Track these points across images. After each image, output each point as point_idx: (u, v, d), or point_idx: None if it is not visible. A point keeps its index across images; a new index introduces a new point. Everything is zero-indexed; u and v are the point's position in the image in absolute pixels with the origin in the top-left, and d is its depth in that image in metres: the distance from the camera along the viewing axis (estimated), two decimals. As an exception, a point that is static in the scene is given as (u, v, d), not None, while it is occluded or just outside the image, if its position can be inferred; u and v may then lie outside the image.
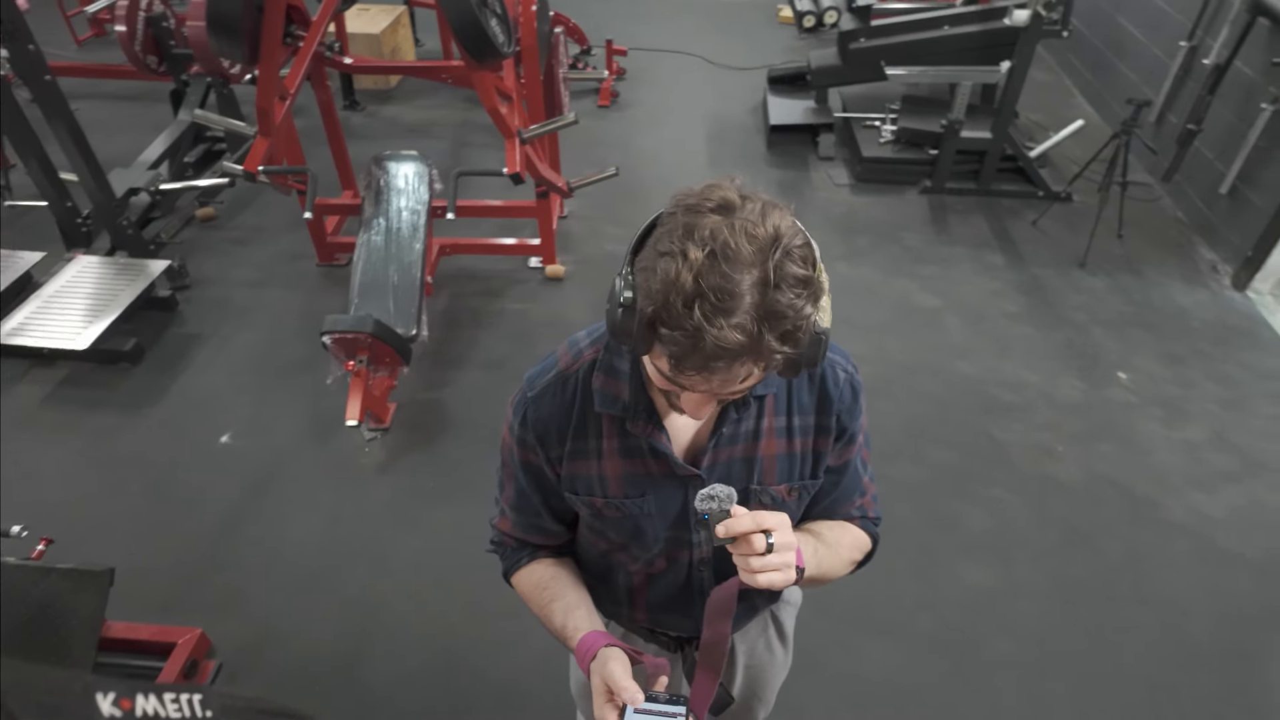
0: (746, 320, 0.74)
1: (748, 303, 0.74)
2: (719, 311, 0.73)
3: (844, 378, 1.05)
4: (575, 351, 1.03)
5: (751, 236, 0.75)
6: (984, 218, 4.21)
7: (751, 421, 1.01)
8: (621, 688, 0.93)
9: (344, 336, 2.73)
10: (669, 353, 0.78)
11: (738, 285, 0.73)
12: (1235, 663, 2.26)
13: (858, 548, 1.15)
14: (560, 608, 1.09)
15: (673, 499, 1.04)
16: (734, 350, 0.74)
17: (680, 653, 1.30)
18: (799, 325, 0.77)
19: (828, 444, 1.05)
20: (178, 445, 2.92)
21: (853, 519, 1.16)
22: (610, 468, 1.03)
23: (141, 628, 2.19)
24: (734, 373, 0.78)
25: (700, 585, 1.14)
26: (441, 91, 5.44)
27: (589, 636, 1.03)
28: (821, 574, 1.05)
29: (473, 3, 2.79)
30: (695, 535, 1.08)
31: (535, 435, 1.03)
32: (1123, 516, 2.66)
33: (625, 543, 1.10)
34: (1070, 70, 5.65)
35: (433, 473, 2.82)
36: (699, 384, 0.81)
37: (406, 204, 3.29)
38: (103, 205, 3.47)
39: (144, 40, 4.22)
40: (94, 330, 3.07)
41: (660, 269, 0.76)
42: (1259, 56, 3.64)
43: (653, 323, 0.78)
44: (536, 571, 1.16)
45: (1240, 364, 3.28)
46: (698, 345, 0.74)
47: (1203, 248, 3.96)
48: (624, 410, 0.99)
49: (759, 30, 6.57)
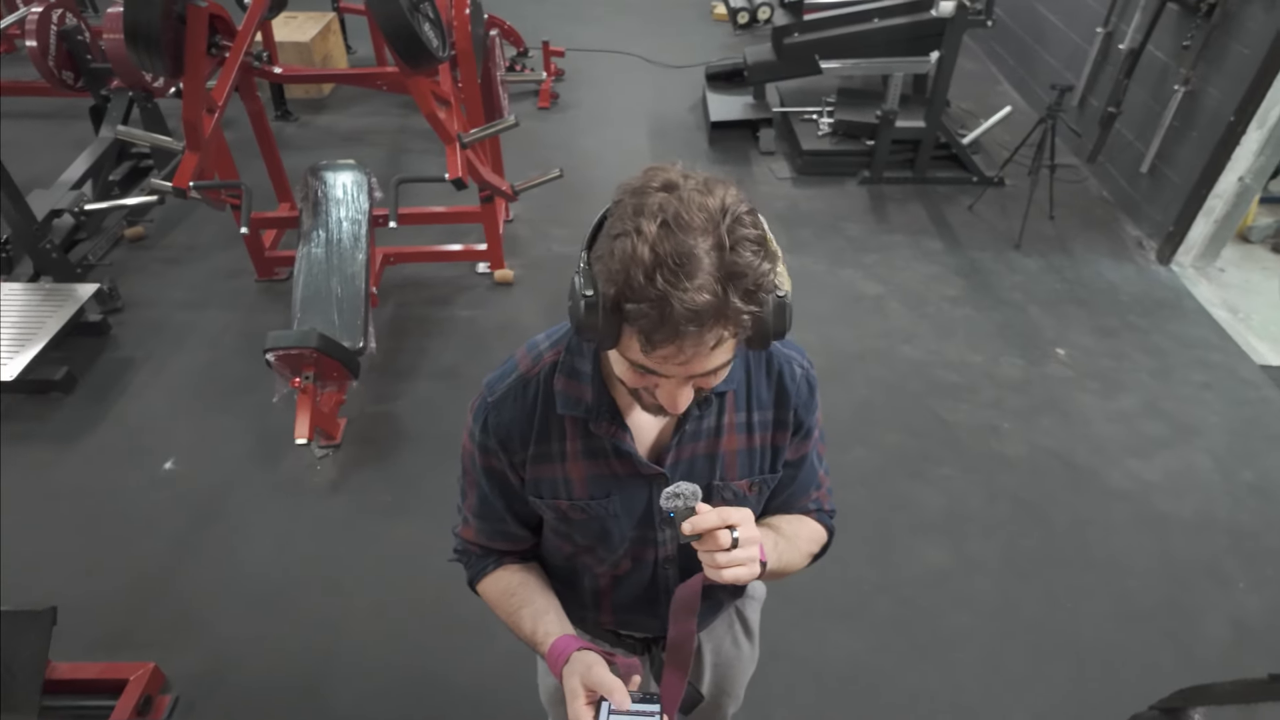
0: (709, 280, 0.74)
1: (707, 264, 0.75)
2: (681, 275, 0.74)
3: (800, 373, 1.07)
4: (535, 355, 1.03)
5: (701, 206, 0.76)
6: (922, 205, 4.32)
7: (713, 418, 1.02)
8: (611, 688, 0.94)
9: (288, 353, 2.67)
10: (639, 329, 0.77)
11: (694, 249, 0.74)
12: (1173, 617, 2.37)
13: (815, 540, 1.18)
14: (529, 613, 1.09)
15: (638, 498, 1.05)
16: (702, 311, 0.75)
17: (647, 654, 1.30)
18: (760, 283, 0.78)
19: (786, 438, 1.07)
20: (117, 475, 2.81)
21: (809, 512, 1.19)
22: (574, 470, 1.03)
23: (89, 666, 2.11)
24: (705, 341, 0.78)
25: (666, 584, 1.15)
26: (376, 98, 5.34)
27: (561, 641, 1.03)
28: (781, 567, 1.06)
29: (405, 8, 2.75)
30: (660, 534, 1.09)
31: (497, 440, 1.03)
32: (1066, 486, 2.77)
33: (591, 545, 1.10)
34: (996, 59, 5.84)
35: (388, 486, 2.77)
36: (673, 360, 0.79)
37: (346, 214, 3.23)
38: (22, 229, 3.32)
39: (58, 55, 4.04)
40: (20, 360, 2.93)
41: (617, 250, 0.77)
42: (1169, 41, 3.81)
43: (617, 305, 0.78)
44: (503, 578, 1.15)
45: (1167, 334, 3.44)
46: (665, 314, 0.74)
47: (1128, 225, 4.14)
48: (587, 412, 0.99)
49: (694, 28, 6.62)
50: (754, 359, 1.05)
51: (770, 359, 1.05)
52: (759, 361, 1.05)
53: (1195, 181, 3.65)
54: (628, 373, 0.86)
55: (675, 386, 0.85)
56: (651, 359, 0.80)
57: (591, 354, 0.99)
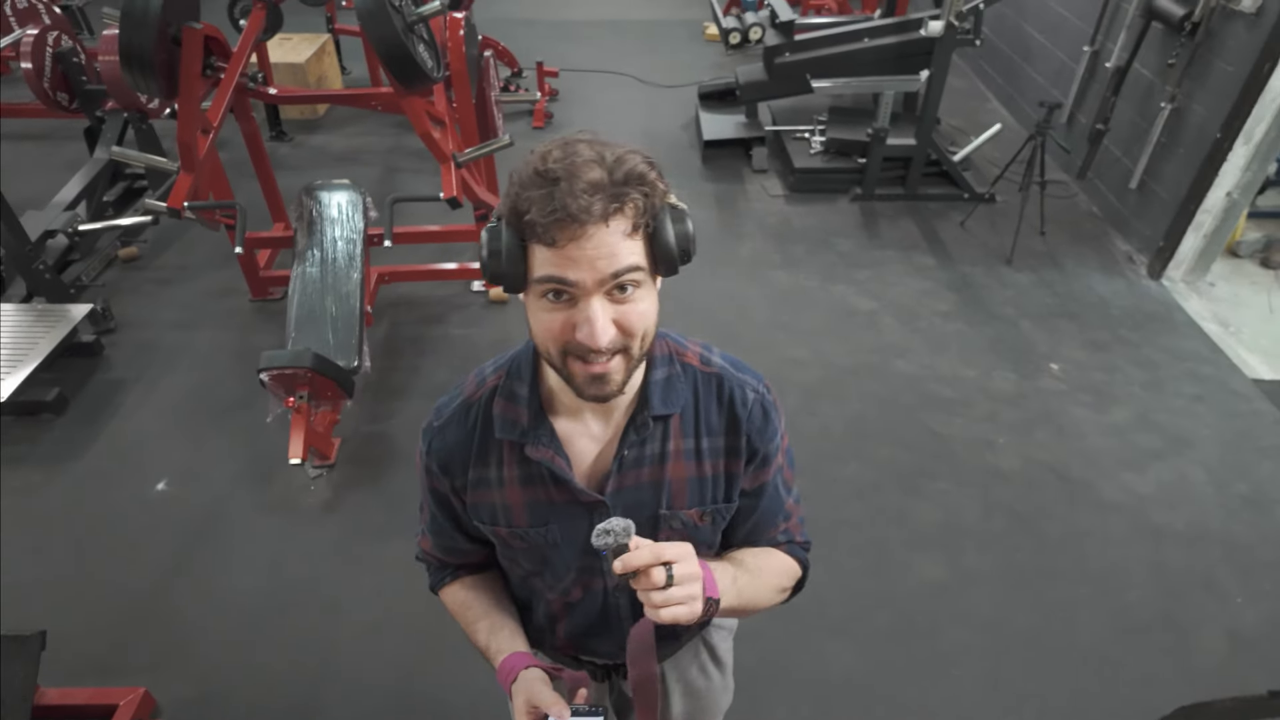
0: (595, 167, 0.79)
1: (591, 157, 0.80)
2: (570, 158, 0.80)
3: (753, 398, 1.02)
4: (480, 379, 1.04)
5: (589, 138, 0.84)
6: (913, 221, 4.36)
7: (657, 444, 0.99)
8: (548, 703, 0.95)
9: (283, 372, 2.66)
10: (537, 214, 0.79)
11: (583, 150, 0.81)
12: (1168, 629, 2.37)
13: (785, 574, 1.11)
14: (484, 628, 1.10)
15: (578, 527, 1.01)
16: (592, 183, 0.78)
17: (607, 681, 1.29)
18: (646, 174, 0.82)
19: (739, 466, 1.03)
20: (109, 496, 2.79)
21: (779, 544, 1.12)
22: (512, 496, 1.01)
23: (78, 692, 2.08)
24: (607, 223, 0.80)
25: (618, 611, 1.13)
26: (370, 118, 5.37)
27: (509, 659, 1.04)
28: (744, 603, 1.01)
29: (399, 29, 2.77)
30: (606, 563, 1.05)
31: (439, 464, 1.03)
32: (1061, 500, 2.77)
33: (538, 570, 1.09)
34: (984, 76, 5.91)
35: (382, 507, 2.76)
36: (579, 257, 0.80)
37: (341, 233, 3.23)
38: (15, 249, 3.31)
39: (53, 77, 4.06)
40: (12, 381, 2.92)
41: (514, 175, 0.84)
42: (1155, 58, 3.87)
43: (515, 213, 0.82)
44: (459, 593, 1.17)
45: (1158, 348, 3.46)
46: (557, 188, 0.78)
47: (1118, 240, 4.17)
48: (522, 435, 0.98)
49: (686, 48, 6.69)
50: (703, 384, 1.01)
51: (721, 384, 1.02)
52: (709, 387, 1.01)
53: (1184, 197, 3.69)
54: (545, 313, 0.85)
55: (590, 302, 0.82)
56: (556, 257, 0.80)
57: (530, 376, 0.99)
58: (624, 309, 0.84)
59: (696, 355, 1.03)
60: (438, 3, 2.97)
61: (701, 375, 1.02)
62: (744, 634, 1.46)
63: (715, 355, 1.05)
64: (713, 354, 1.04)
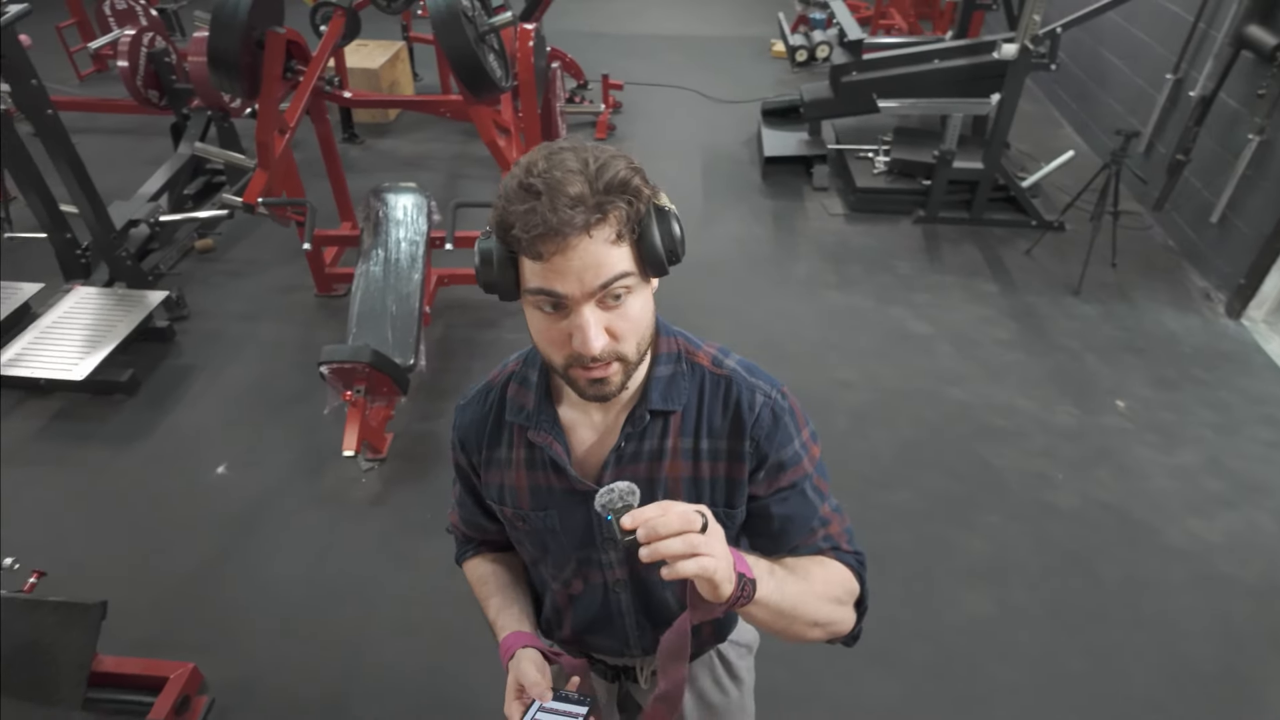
0: (578, 173, 0.80)
1: (576, 166, 0.80)
2: (553, 170, 0.79)
3: (762, 401, 0.98)
4: (503, 364, 1.10)
5: (575, 146, 0.84)
6: (976, 247, 4.26)
7: (655, 440, 0.99)
8: (530, 682, 0.97)
9: (342, 366, 2.74)
10: (521, 229, 0.80)
11: (567, 160, 0.81)
12: (1233, 687, 2.24)
13: (838, 583, 1.01)
14: (495, 604, 1.15)
15: (576, 517, 1.03)
16: (574, 196, 0.78)
17: (616, 682, 1.28)
18: (630, 180, 0.82)
19: (742, 471, 0.99)
20: (170, 478, 2.91)
21: (821, 551, 1.03)
22: (518, 478, 1.05)
23: (132, 661, 2.16)
24: (590, 234, 0.80)
25: (619, 607, 1.12)
26: (438, 125, 5.51)
27: (510, 637, 1.08)
28: (788, 604, 0.90)
29: (471, 39, 2.84)
30: (604, 555, 1.06)
31: (459, 439, 1.09)
32: (1120, 542, 2.66)
33: (541, 556, 1.11)
34: (1057, 101, 5.75)
35: (428, 504, 2.81)
36: (566, 269, 0.80)
37: (405, 235, 3.32)
38: (102, 237, 3.50)
39: (145, 75, 4.29)
40: (91, 361, 3.07)
41: (501, 188, 0.84)
42: (1243, 88, 3.71)
43: (502, 226, 0.82)
44: (479, 567, 1.22)
45: (1233, 389, 3.29)
46: (539, 202, 0.78)
47: (1194, 275, 4.00)
48: (527, 419, 1.01)
49: (752, 65, 6.68)
50: (711, 385, 1.00)
51: (730, 386, 0.99)
52: (716, 388, 1.00)
53: (1269, 233, 3.51)
54: (541, 323, 0.87)
55: (582, 311, 0.83)
56: (545, 270, 0.81)
57: (540, 363, 1.02)
58: (615, 315, 0.85)
59: (709, 356, 1.02)
60: (509, 14, 3.04)
61: (710, 376, 1.00)
62: (775, 654, 1.43)
63: (730, 359, 1.03)
64: (728, 357, 1.03)
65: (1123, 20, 4.68)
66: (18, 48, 3.02)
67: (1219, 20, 3.86)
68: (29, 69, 3.08)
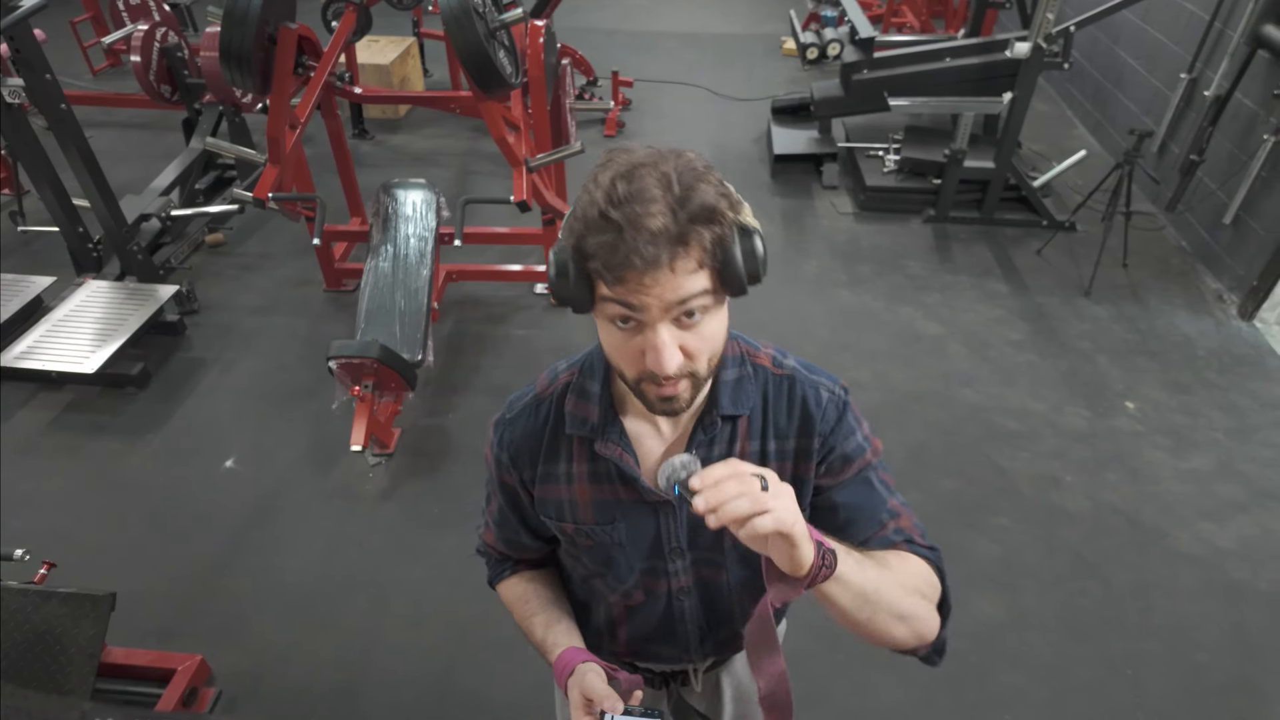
0: (662, 206, 0.77)
1: (659, 193, 0.77)
2: (634, 201, 0.76)
3: (827, 398, 1.00)
4: (552, 376, 1.05)
5: (652, 155, 0.81)
6: (987, 246, 4.23)
7: (724, 445, 0.98)
8: (601, 695, 0.94)
9: (350, 361, 2.74)
10: (602, 264, 0.78)
11: (646, 183, 0.77)
12: (1245, 694, 2.22)
13: (918, 575, 0.97)
14: (541, 621, 1.11)
15: (645, 527, 1.02)
16: (656, 229, 0.76)
17: (665, 689, 1.27)
18: (715, 206, 0.79)
19: (810, 469, 0.99)
20: (180, 470, 2.92)
21: (894, 544, 1.00)
22: (580, 493, 1.02)
23: (141, 653, 2.18)
24: (672, 268, 0.78)
25: (682, 614, 1.11)
26: (448, 121, 5.51)
27: (567, 653, 1.04)
28: (869, 587, 0.85)
29: (481, 35, 2.84)
30: (672, 564, 1.05)
31: (509, 456, 1.05)
32: (1131, 546, 2.64)
33: (601, 570, 1.09)
34: (1070, 101, 5.71)
35: (436, 499, 2.81)
36: (645, 290, 0.78)
37: (414, 231, 3.32)
38: (114, 231, 3.51)
39: (158, 70, 4.30)
40: (103, 354, 3.09)
41: (578, 208, 0.82)
42: (1259, 89, 3.67)
43: (580, 251, 0.81)
44: (518, 586, 1.18)
45: (1247, 393, 3.26)
46: (621, 238, 0.76)
47: (1207, 277, 3.97)
48: (592, 431, 0.98)
49: (762, 62, 6.66)
50: (774, 386, 1.00)
51: (794, 385, 1.00)
52: (780, 389, 1.00)
53: (1283, 235, 3.48)
54: (614, 338, 0.85)
55: (658, 329, 0.81)
56: (621, 290, 0.80)
57: (602, 375, 0.99)
58: (691, 334, 0.84)
59: (769, 358, 1.02)
60: (520, 10, 3.03)
61: (773, 378, 1.00)
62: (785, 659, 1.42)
63: (789, 359, 1.03)
64: (786, 357, 1.03)
65: (1138, 19, 4.64)
66: (32, 42, 3.03)
67: (1235, 19, 3.81)
68: (43, 63, 3.09)
